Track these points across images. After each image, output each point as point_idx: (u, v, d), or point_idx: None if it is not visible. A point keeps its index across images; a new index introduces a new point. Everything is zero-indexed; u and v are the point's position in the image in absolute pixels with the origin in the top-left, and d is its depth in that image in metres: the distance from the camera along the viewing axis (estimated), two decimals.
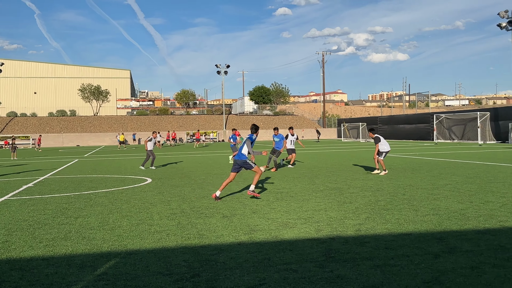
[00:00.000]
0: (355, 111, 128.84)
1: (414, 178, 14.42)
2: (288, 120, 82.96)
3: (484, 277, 4.87)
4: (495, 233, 6.83)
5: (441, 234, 6.86)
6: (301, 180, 14.54)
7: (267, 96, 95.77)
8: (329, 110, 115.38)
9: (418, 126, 54.24)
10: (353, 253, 5.97)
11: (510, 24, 38.23)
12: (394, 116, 63.46)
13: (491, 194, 10.69)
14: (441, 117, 49.08)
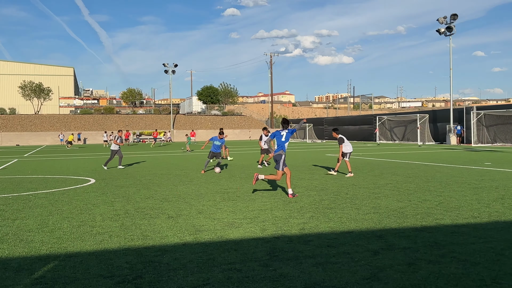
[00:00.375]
0: (302, 112, 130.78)
1: (357, 177, 14.79)
2: (236, 121, 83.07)
3: (419, 273, 5.06)
4: (431, 231, 7.11)
5: (380, 232, 7.08)
6: (248, 180, 14.59)
7: (215, 96, 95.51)
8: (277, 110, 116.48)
9: (362, 127, 55.71)
10: (297, 251, 6.05)
11: (448, 30, 39.93)
12: (339, 117, 64.86)
13: (429, 193, 11.13)
14: (383, 118, 50.62)
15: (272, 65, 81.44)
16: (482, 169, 16.96)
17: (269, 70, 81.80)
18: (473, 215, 8.26)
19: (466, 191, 11.32)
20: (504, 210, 8.68)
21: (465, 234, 6.82)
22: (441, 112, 46.16)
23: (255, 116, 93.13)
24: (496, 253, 5.79)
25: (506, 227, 7.28)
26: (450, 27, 39.63)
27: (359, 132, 56.01)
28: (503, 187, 11.89)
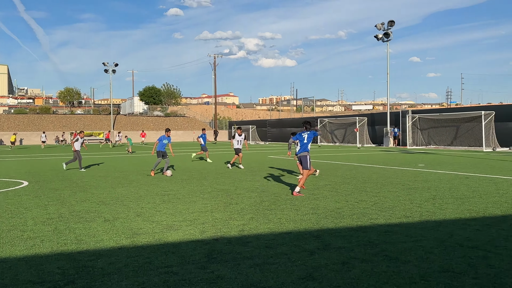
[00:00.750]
0: (246, 114, 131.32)
1: (297, 179, 15.01)
2: (179, 122, 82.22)
3: (353, 272, 5.21)
4: (366, 230, 7.33)
5: (318, 232, 7.22)
6: (189, 182, 14.48)
7: (158, 97, 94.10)
8: (221, 112, 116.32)
9: None
10: (235, 253, 6.06)
11: (385, 36, 41.37)
12: (282, 120, 65.64)
13: (365, 193, 11.47)
14: (325, 121, 51.73)
15: (216, 66, 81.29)
16: (416, 170, 17.67)
17: (213, 71, 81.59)
18: (405, 215, 8.59)
19: (400, 191, 11.76)
20: (434, 210, 9.08)
21: (397, 233, 7.08)
22: (379, 115, 47.72)
23: (198, 117, 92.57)
24: (426, 251, 6.05)
25: (436, 226, 7.62)
26: (388, 33, 41.08)
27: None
28: (434, 187, 12.44)
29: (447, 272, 5.15)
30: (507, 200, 10.16)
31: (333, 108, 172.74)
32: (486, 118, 33.26)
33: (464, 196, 10.86)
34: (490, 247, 6.19)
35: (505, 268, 5.27)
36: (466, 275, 5.04)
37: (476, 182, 13.43)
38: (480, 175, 15.51)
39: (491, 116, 33.39)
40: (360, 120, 45.51)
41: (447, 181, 13.81)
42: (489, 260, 5.58)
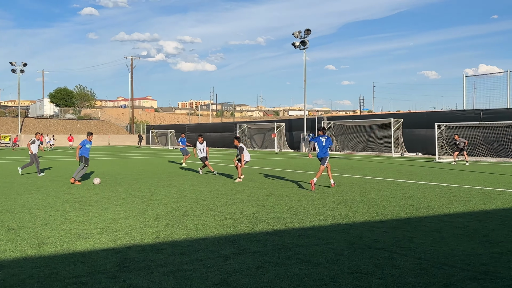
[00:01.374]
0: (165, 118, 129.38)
1: (215, 184, 15.02)
2: (93, 125, 79.28)
3: (266, 276, 5.29)
4: (281, 234, 7.49)
5: (234, 237, 7.27)
6: (102, 188, 14.00)
7: (70, 99, 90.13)
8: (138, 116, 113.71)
9: (223, 134, 56.82)
10: (149, 261, 5.95)
11: (302, 44, 42.60)
12: (201, 124, 65.38)
13: (281, 198, 11.71)
14: (244, 126, 52.21)
15: (133, 68, 79.42)
16: None
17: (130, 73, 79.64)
18: (319, 218, 8.88)
19: (314, 196, 12.13)
20: (346, 213, 9.46)
21: (310, 237, 7.30)
22: (296, 121, 48.99)
23: (114, 121, 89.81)
24: (336, 253, 6.29)
25: (347, 228, 7.94)
26: (304, 41, 42.32)
27: (220, 138, 57.02)
28: (346, 192, 12.97)
29: (356, 273, 5.38)
30: (412, 203, 10.81)
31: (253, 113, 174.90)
32: (395, 125, 35.21)
33: (374, 199, 11.41)
34: (396, 248, 6.55)
35: (409, 268, 5.60)
36: (373, 276, 5.30)
37: (385, 186, 14.16)
38: (388, 179, 16.37)
39: (399, 123, 35.39)
40: (278, 126, 46.43)
41: (359, 185, 14.44)
42: (394, 261, 5.91)
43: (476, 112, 30.94)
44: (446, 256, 6.12)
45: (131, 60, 79.83)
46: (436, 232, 7.59)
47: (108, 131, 78.44)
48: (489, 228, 7.92)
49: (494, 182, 15.27)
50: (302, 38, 42.54)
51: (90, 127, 78.01)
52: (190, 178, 17.25)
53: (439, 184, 14.63)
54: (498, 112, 29.62)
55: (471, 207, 10.19)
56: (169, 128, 65.48)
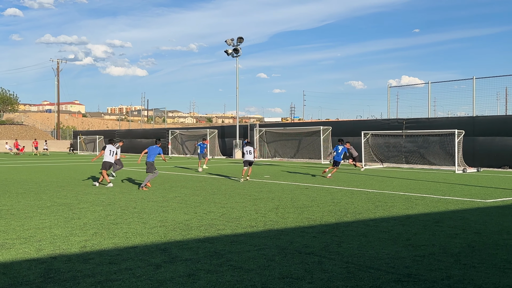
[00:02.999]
0: (93, 123, 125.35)
1: (147, 191, 14.72)
2: (16, 131, 75.32)
3: (198, 283, 5.25)
4: (213, 241, 7.46)
5: (165, 245, 7.15)
6: (25, 196, 13.32)
7: None
8: (64, 121, 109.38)
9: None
10: (75, 271, 5.72)
11: (235, 51, 42.84)
12: (132, 130, 63.93)
13: (214, 204, 11.68)
14: (176, 132, 51.64)
15: (59, 72, 76.41)
16: (261, 181, 18.50)
17: (56, 77, 76.55)
18: (251, 225, 8.93)
19: (246, 202, 12.20)
20: (277, 219, 9.59)
21: (242, 243, 7.32)
22: (229, 128, 49.12)
23: (39, 126, 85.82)
24: (268, 259, 6.35)
25: (278, 234, 8.04)
26: (237, 49, 42.60)
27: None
28: (278, 198, 13.14)
29: (286, 278, 5.46)
30: (341, 208, 11.14)
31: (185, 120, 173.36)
32: (324, 133, 36.18)
33: (304, 205, 11.64)
34: (325, 253, 6.72)
35: (337, 272, 5.76)
36: (303, 280, 5.40)
37: (315, 192, 14.50)
38: (318, 185, 16.77)
39: (328, 131, 36.40)
40: (211, 133, 46.32)
41: (290, 192, 14.68)
42: (323, 265, 6.05)
43: (399, 121, 32.43)
44: (372, 260, 6.35)
45: (58, 63, 76.84)
46: (363, 237, 7.86)
47: (33, 136, 74.82)
48: (412, 232, 8.31)
49: (416, 188, 16.05)
50: (235, 45, 42.79)
51: (13, 132, 74.07)
52: (119, 185, 16.79)
53: (366, 190, 15.18)
54: (419, 121, 31.21)
55: (395, 212, 10.65)
56: (98, 134, 63.48)
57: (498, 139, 26.99)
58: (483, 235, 8.00)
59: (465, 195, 13.69)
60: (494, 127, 27.39)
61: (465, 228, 8.67)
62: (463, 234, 8.13)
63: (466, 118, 29.54)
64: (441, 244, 7.30)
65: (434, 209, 11.10)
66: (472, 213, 10.50)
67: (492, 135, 27.29)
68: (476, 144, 27.76)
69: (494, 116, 29.48)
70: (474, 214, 10.27)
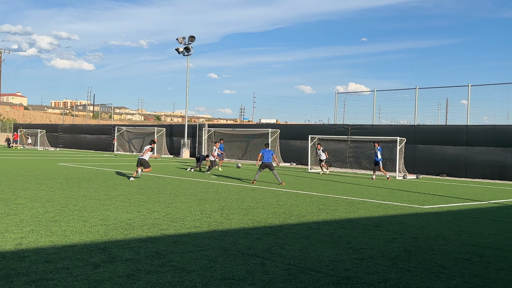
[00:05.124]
0: (36, 116, 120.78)
1: (89, 188, 14.32)
2: None
3: (137, 284, 5.15)
4: (155, 241, 7.35)
5: (105, 244, 6.97)
6: None
7: None
8: (5, 113, 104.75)
9: (100, 137, 54.46)
10: (9, 269, 5.48)
11: (186, 50, 42.44)
12: (76, 125, 62.05)
13: (158, 204, 11.51)
14: (122, 129, 50.55)
15: (1, 62, 73.13)
16: (208, 182, 18.40)
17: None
18: (195, 225, 8.86)
19: (192, 202, 12.10)
20: (222, 220, 9.56)
21: (185, 243, 7.25)
22: (177, 127, 48.60)
23: None
24: (210, 260, 6.31)
25: (222, 235, 8.02)
26: (188, 47, 42.23)
27: (97, 141, 54.57)
28: (224, 199, 13.11)
29: (228, 280, 5.45)
30: (285, 210, 11.25)
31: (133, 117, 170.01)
32: (273, 135, 36.48)
33: (249, 207, 11.68)
34: (267, 255, 6.76)
35: (278, 274, 5.80)
36: (244, 282, 5.40)
37: (260, 194, 14.58)
38: (264, 187, 16.87)
39: (276, 134, 36.73)
40: (158, 131, 45.67)
41: (236, 193, 14.69)
42: (265, 267, 6.09)
43: (345, 126, 33.18)
44: (313, 262, 6.45)
45: (0, 53, 73.56)
46: (305, 239, 7.97)
47: None
48: (352, 235, 8.50)
49: (359, 192, 16.46)
50: (186, 44, 42.43)
51: None
52: (60, 181, 16.25)
53: (310, 193, 15.41)
54: (364, 128, 32.05)
55: (337, 215, 10.87)
56: (40, 127, 61.24)
57: (437, 147, 28.12)
58: (419, 240, 8.30)
59: (404, 201, 14.16)
60: (434, 136, 28.51)
61: (403, 232, 8.97)
62: (401, 238, 8.40)
63: (408, 126, 30.60)
64: (379, 248, 7.51)
65: (374, 213, 11.42)
66: (410, 218, 10.88)
67: (432, 143, 28.40)
68: (417, 151, 28.79)
69: (435, 126, 30.71)
70: (412, 219, 10.65)
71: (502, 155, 25.52)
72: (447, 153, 27.69)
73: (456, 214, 11.82)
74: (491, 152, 26.03)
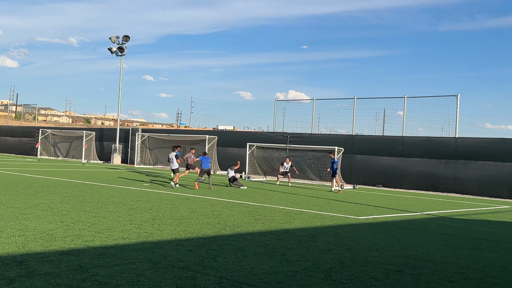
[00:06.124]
0: None
1: (7, 196, 13.65)
2: None
3: None
4: (78, 253, 7.09)
5: (23, 257, 6.66)
6: None
7: None
8: None
9: (22, 139, 52.12)
10: None
11: (120, 50, 41.57)
12: None
13: (84, 213, 11.14)
14: (47, 132, 48.65)
15: None
16: (140, 190, 18.05)
17: None
18: (123, 236, 8.65)
19: (121, 211, 11.80)
20: (153, 231, 9.39)
21: (112, 256, 7.05)
22: (109, 131, 47.37)
23: None
24: (137, 274, 6.17)
25: (152, 247, 7.87)
26: (122, 47, 41.39)
27: (18, 144, 52.16)
28: (156, 208, 12.90)
29: None
30: (220, 221, 11.22)
31: (60, 119, 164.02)
32: (210, 142, 36.37)
33: (183, 217, 11.55)
34: (199, 268, 6.70)
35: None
36: None
37: (195, 204, 14.46)
38: (199, 196, 16.76)
39: (214, 141, 36.66)
40: (87, 135, 44.31)
41: (169, 202, 14.49)
42: (196, 280, 6.03)
43: (284, 135, 33.64)
44: (246, 275, 6.46)
45: None
46: (239, 251, 7.98)
47: None
48: (287, 247, 8.61)
49: (296, 202, 16.71)
50: (120, 44, 41.60)
51: None
52: None
53: (247, 203, 15.47)
54: (302, 136, 32.64)
55: (273, 226, 10.97)
56: None
57: (374, 158, 29.09)
58: (353, 251, 8.52)
59: (340, 211, 14.53)
60: (371, 146, 29.48)
61: (338, 244, 9.18)
62: (335, 250, 8.60)
63: (346, 136, 31.47)
64: (314, 260, 7.65)
65: (310, 224, 11.63)
66: (345, 229, 11.16)
67: (369, 154, 29.34)
68: (354, 162, 29.64)
69: (372, 136, 31.79)
70: (347, 230, 10.93)
71: (435, 167, 26.77)
72: (383, 164, 28.70)
73: (390, 225, 12.26)
74: (425, 163, 27.24)
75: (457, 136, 27.24)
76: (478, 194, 24.93)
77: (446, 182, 26.30)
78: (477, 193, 25.01)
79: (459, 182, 25.93)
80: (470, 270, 7.58)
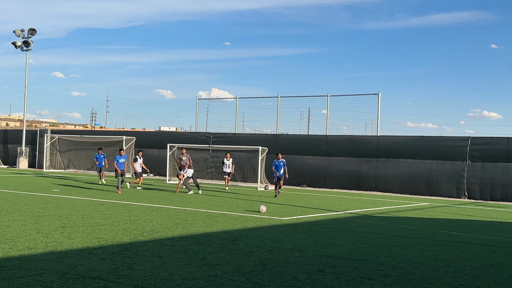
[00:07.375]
0: None
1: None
2: None
3: None
4: None
5: None
6: None
7: None
8: None
9: None
10: None
11: (25, 44, 39.68)
12: None
13: None
14: None
15: None
16: (49, 196, 17.34)
17: None
18: (29, 246, 8.29)
19: (27, 220, 11.30)
20: (62, 240, 9.07)
21: (15, 268, 6.74)
22: (14, 132, 45.14)
23: None
24: (44, 286, 5.95)
25: (61, 257, 7.60)
26: (28, 42, 39.52)
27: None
28: (66, 215, 12.46)
29: None
30: (137, 227, 11.03)
31: None
32: (128, 143, 35.60)
33: (96, 223, 11.24)
34: (113, 277, 6.56)
35: None
36: None
37: (111, 209, 14.12)
38: (115, 201, 16.37)
39: (132, 142, 35.92)
40: None
41: (81, 208, 14.05)
42: None
43: (207, 135, 33.60)
44: (163, 282, 6.40)
45: None
46: (157, 257, 7.89)
47: None
48: (208, 251, 8.63)
49: (218, 205, 16.75)
50: (25, 38, 39.73)
51: None
52: None
53: (167, 207, 15.32)
54: (226, 136, 32.77)
55: (194, 230, 10.95)
56: None
57: (298, 157, 29.72)
58: (275, 253, 8.69)
59: (263, 213, 14.73)
60: (295, 146, 30.11)
61: (260, 246, 9.32)
62: (257, 252, 8.73)
63: (270, 136, 31.97)
64: (235, 263, 7.72)
65: (233, 226, 11.71)
66: (269, 230, 11.35)
67: (293, 153, 29.92)
68: None
69: (296, 135, 32.52)
70: (270, 232, 11.12)
71: (358, 165, 27.81)
72: (307, 163, 29.41)
73: (313, 225, 12.60)
74: (348, 162, 28.22)
75: (379, 134, 28.48)
76: (399, 192, 26.17)
77: (368, 181, 27.38)
78: (398, 191, 26.25)
79: (380, 180, 27.08)
80: (389, 267, 7.97)
